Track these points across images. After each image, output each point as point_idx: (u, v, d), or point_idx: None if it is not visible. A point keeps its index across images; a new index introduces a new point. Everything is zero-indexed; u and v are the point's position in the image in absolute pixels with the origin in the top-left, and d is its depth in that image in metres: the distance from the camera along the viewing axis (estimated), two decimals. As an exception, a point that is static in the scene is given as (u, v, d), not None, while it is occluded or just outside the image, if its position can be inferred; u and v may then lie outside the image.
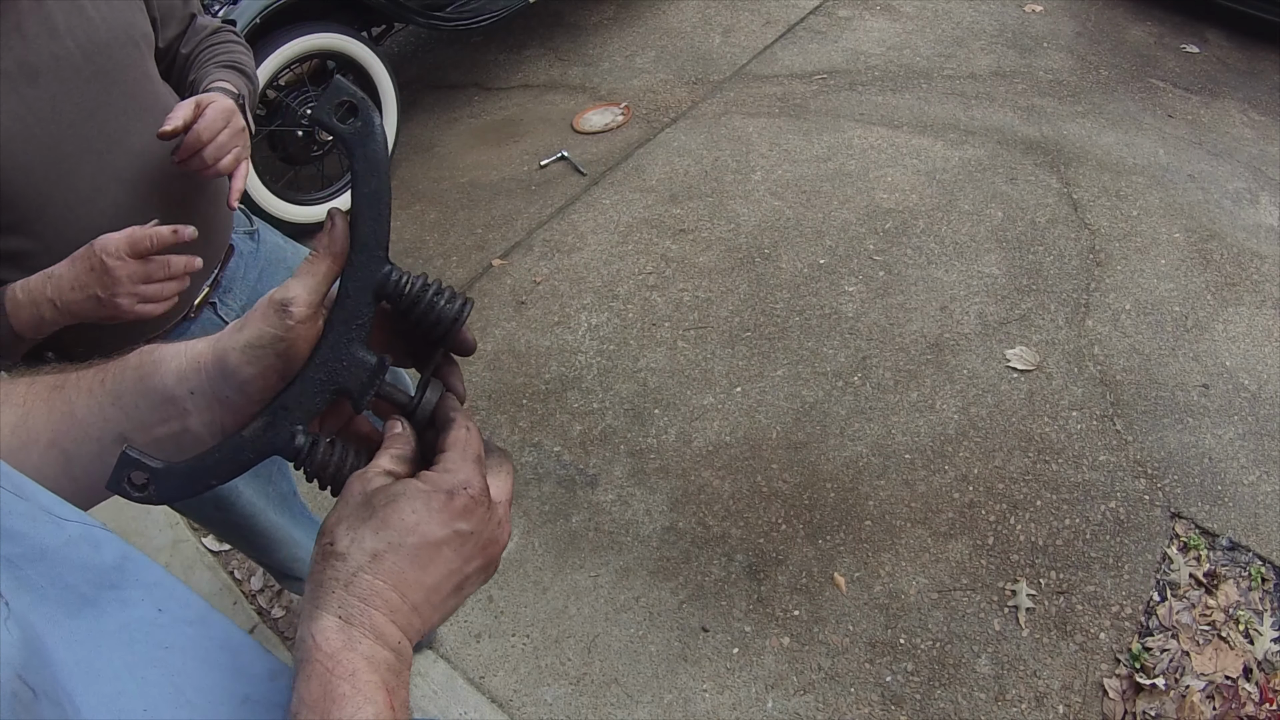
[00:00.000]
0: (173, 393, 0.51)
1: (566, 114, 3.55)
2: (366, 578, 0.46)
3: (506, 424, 2.36)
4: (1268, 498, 2.10)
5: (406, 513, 0.47)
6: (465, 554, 0.49)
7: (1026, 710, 1.77)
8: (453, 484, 0.48)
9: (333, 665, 0.44)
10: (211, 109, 1.06)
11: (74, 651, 0.41)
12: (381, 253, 0.49)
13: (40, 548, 0.43)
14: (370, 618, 0.46)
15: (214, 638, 0.50)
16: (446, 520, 0.48)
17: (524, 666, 1.87)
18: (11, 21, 1.02)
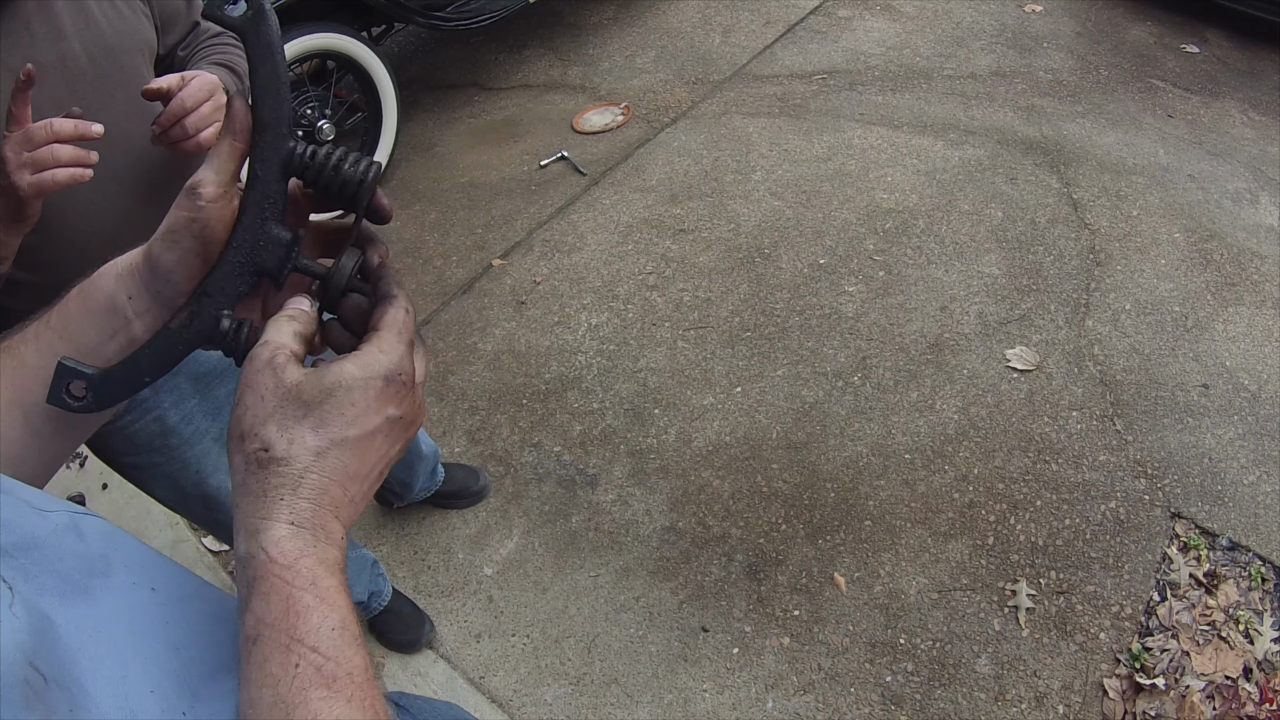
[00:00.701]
0: (114, 300, 0.51)
1: (566, 114, 3.55)
2: (313, 478, 0.44)
3: (506, 424, 2.36)
4: (1268, 498, 2.10)
5: (346, 406, 0.45)
6: (393, 438, 0.48)
7: (1026, 710, 1.77)
8: (388, 370, 0.47)
9: (291, 576, 0.42)
10: (196, 80, 1.06)
11: (77, 637, 0.41)
12: (285, 130, 0.48)
13: (31, 537, 0.43)
14: (321, 518, 0.44)
15: (209, 610, 0.50)
16: (381, 408, 0.46)
17: (524, 666, 1.87)
18: (20, 20, 1.02)
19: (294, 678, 0.41)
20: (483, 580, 2.03)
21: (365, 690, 0.42)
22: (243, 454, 0.45)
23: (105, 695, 0.40)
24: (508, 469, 2.25)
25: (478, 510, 2.16)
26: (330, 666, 0.42)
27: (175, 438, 1.30)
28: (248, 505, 0.44)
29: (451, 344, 2.60)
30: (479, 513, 2.16)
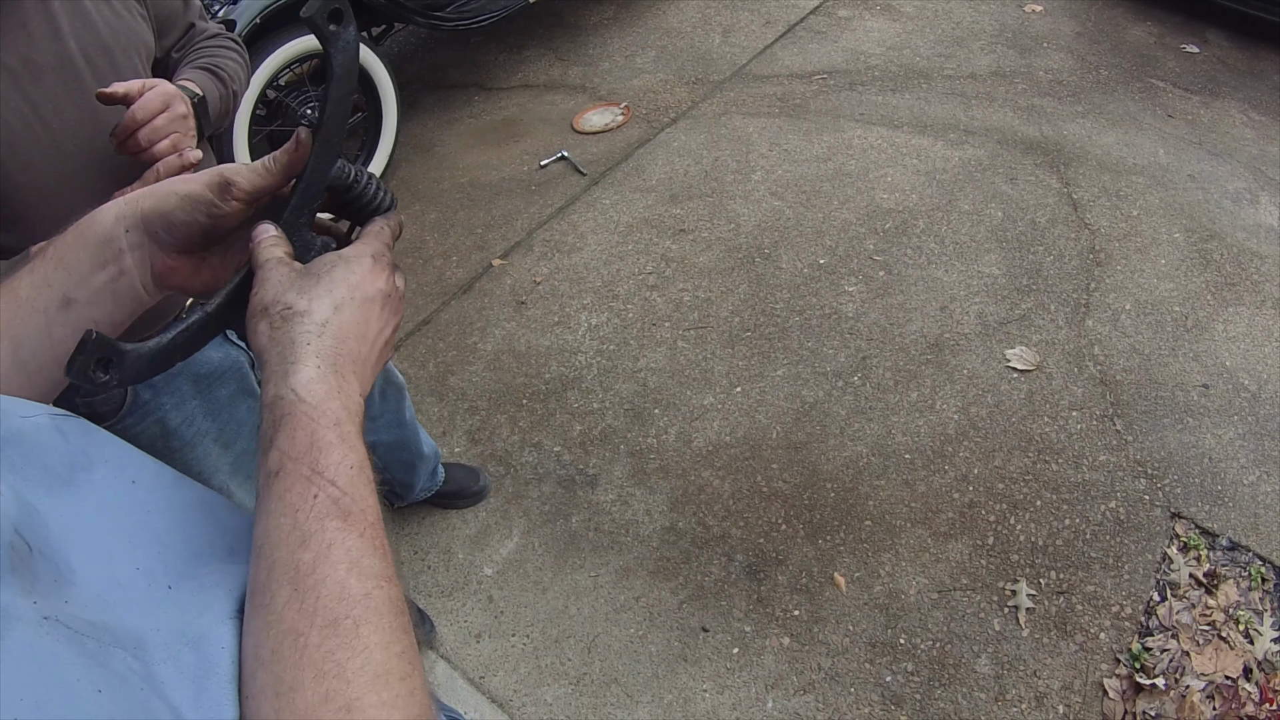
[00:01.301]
0: (110, 233, 0.54)
1: (566, 114, 3.55)
2: (334, 327, 0.49)
3: (506, 424, 2.36)
4: (1268, 498, 2.10)
5: (348, 274, 0.52)
6: (388, 313, 0.54)
7: (1026, 710, 1.77)
8: (373, 251, 0.54)
9: (317, 415, 0.46)
10: (151, 92, 1.05)
11: (62, 524, 0.42)
12: (338, 149, 0.56)
13: (15, 431, 0.44)
14: (343, 365, 0.49)
15: (190, 500, 0.52)
16: (374, 280, 0.53)
17: (524, 666, 1.87)
18: (17, 20, 1.02)
19: (312, 507, 0.43)
20: (483, 580, 2.03)
21: (376, 529, 0.45)
22: (267, 319, 0.49)
23: (91, 572, 0.41)
24: (508, 469, 2.25)
25: (478, 510, 2.16)
26: (346, 501, 0.44)
27: (177, 440, 1.30)
28: (275, 356, 0.48)
29: (451, 344, 2.60)
30: (479, 513, 2.16)
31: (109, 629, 0.39)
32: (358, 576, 0.42)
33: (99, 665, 0.36)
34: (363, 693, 0.39)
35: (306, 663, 0.39)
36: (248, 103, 2.69)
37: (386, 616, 0.42)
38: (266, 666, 0.40)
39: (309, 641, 0.40)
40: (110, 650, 0.38)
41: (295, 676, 0.39)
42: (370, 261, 0.54)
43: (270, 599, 0.41)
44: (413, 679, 0.41)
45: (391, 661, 0.41)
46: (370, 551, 0.44)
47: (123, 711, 0.35)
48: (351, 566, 0.42)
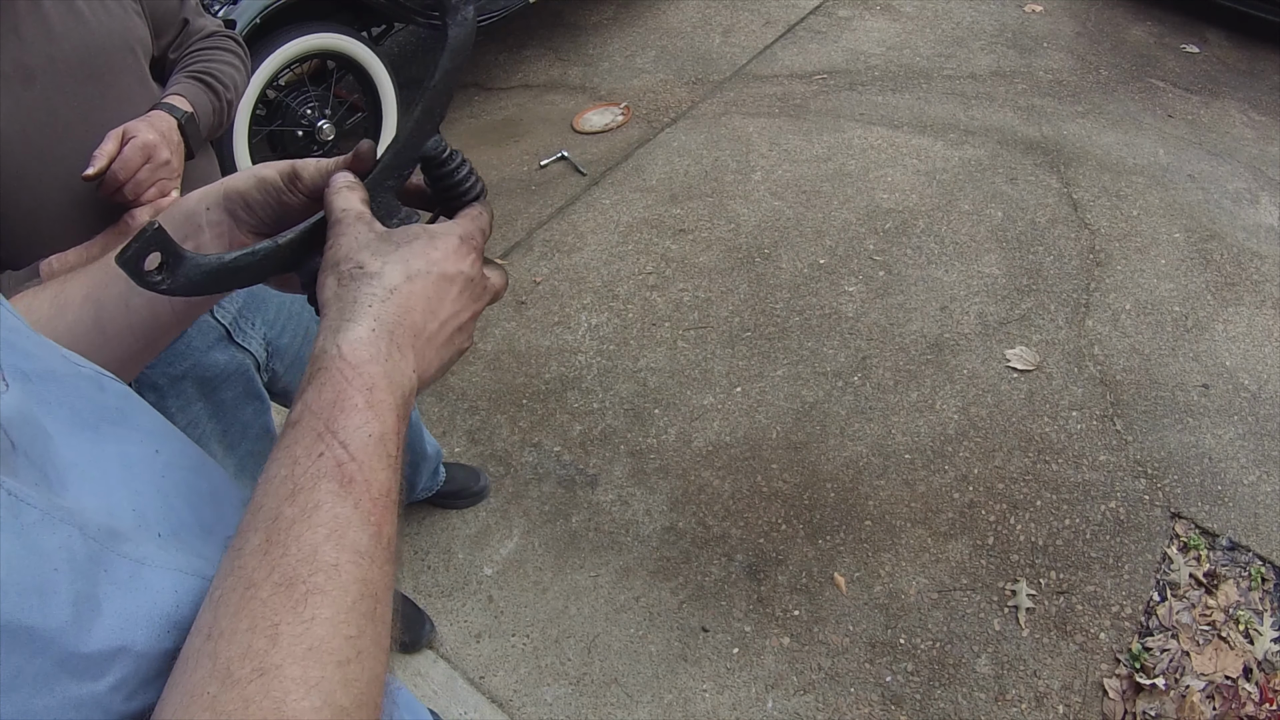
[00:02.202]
0: (193, 209, 0.56)
1: (566, 114, 3.55)
2: (402, 295, 0.48)
3: (506, 424, 2.36)
4: (1268, 498, 2.10)
5: (429, 248, 0.50)
6: (466, 298, 0.52)
7: (1026, 710, 1.77)
8: (463, 232, 0.53)
9: (352, 375, 0.44)
10: (129, 147, 1.06)
11: (75, 457, 0.42)
12: (436, 123, 0.56)
13: (52, 370, 0.44)
14: (400, 334, 0.47)
15: (207, 486, 0.51)
16: (456, 261, 0.51)
17: (524, 666, 1.87)
18: (8, 24, 1.02)
19: (313, 463, 0.41)
20: (483, 580, 2.03)
21: (378, 507, 0.42)
22: (335, 274, 0.48)
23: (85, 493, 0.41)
24: (508, 469, 2.25)
25: (478, 510, 2.16)
26: (352, 468, 0.42)
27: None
28: (334, 311, 0.47)
29: (451, 344, 2.60)
30: (479, 513, 2.16)
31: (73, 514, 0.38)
32: (334, 545, 0.40)
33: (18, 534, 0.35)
34: (285, 661, 0.37)
35: (245, 614, 0.38)
36: (248, 103, 2.69)
37: (350, 594, 0.39)
38: (212, 606, 0.39)
39: (257, 595, 0.38)
40: (55, 524, 0.37)
41: (230, 624, 0.37)
42: (457, 241, 0.52)
43: (242, 542, 0.40)
44: (356, 666, 0.38)
45: (334, 642, 0.38)
46: (360, 525, 0.41)
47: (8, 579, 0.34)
48: (332, 534, 0.40)
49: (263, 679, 0.36)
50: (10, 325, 0.44)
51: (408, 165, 0.56)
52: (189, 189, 1.18)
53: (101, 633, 0.38)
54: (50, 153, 1.06)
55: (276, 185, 0.55)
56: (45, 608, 0.35)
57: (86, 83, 1.09)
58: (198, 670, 0.37)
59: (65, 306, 0.55)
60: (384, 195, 0.55)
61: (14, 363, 0.42)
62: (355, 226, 0.50)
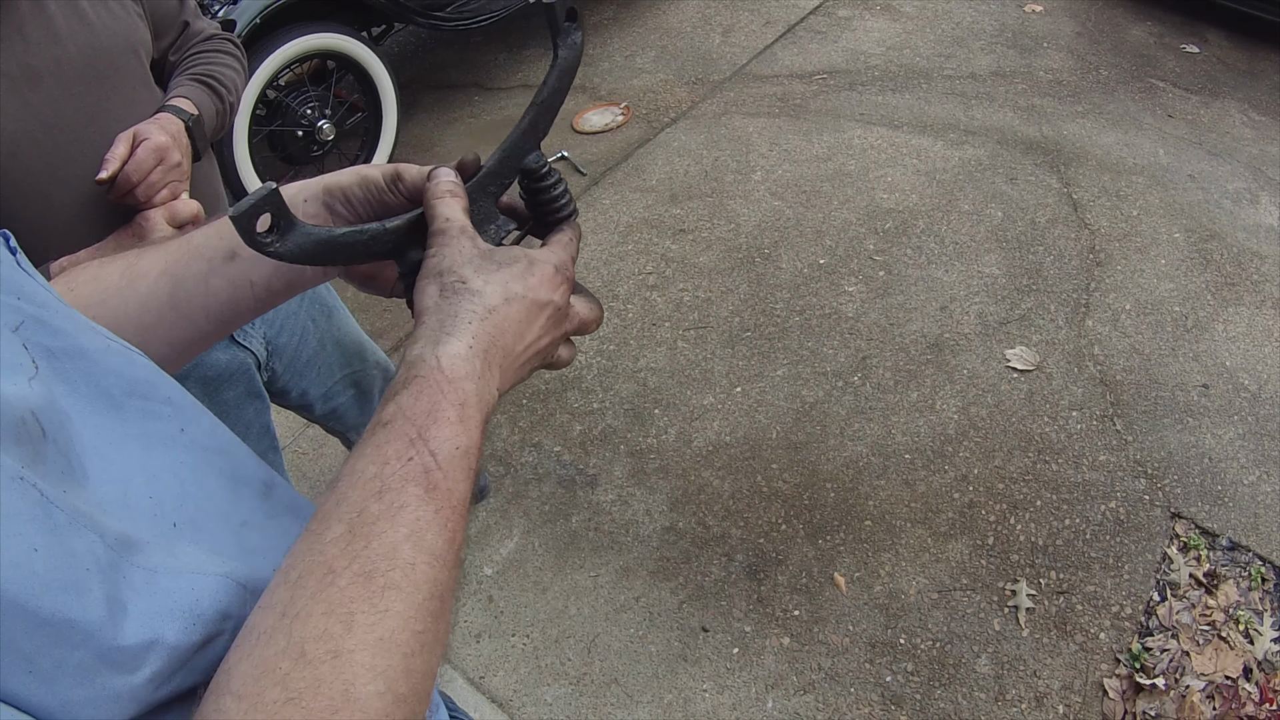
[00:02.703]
0: (291, 200, 0.55)
1: (566, 114, 3.55)
2: (498, 316, 0.50)
3: (506, 424, 2.36)
4: (1268, 498, 2.10)
5: (528, 273, 0.52)
6: (549, 324, 0.54)
7: (1026, 710, 1.77)
8: (558, 261, 0.56)
9: (448, 388, 0.46)
10: (142, 149, 1.07)
11: (95, 438, 0.43)
12: (539, 138, 0.58)
13: (80, 347, 0.45)
14: (493, 354, 0.49)
15: (228, 468, 0.52)
16: (550, 290, 0.53)
17: (524, 666, 1.87)
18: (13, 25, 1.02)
19: (403, 466, 0.43)
20: (483, 580, 2.03)
21: (455, 515, 0.45)
22: (438, 283, 0.50)
23: (103, 481, 0.42)
24: (508, 469, 2.25)
25: (478, 510, 2.16)
26: (438, 476, 0.44)
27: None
28: (434, 321, 0.49)
29: (451, 344, 2.60)
30: (479, 513, 2.16)
31: (94, 521, 0.39)
32: (413, 545, 0.42)
33: (52, 534, 0.36)
34: (357, 647, 0.39)
35: (323, 598, 0.40)
36: (248, 103, 2.69)
37: (422, 593, 0.42)
38: (288, 586, 0.41)
39: (336, 581, 0.40)
40: (80, 530, 0.38)
41: (307, 606, 0.39)
42: (553, 270, 0.54)
43: (324, 529, 0.42)
44: (418, 659, 0.41)
45: (403, 635, 0.40)
46: (438, 530, 0.43)
47: (49, 574, 0.35)
48: (412, 534, 0.42)
49: (335, 661, 0.38)
50: (39, 300, 0.45)
51: (509, 175, 0.57)
52: (192, 191, 1.18)
53: (133, 628, 0.39)
54: (57, 154, 1.06)
55: (379, 184, 0.57)
56: (83, 603, 0.37)
57: (92, 85, 1.09)
58: (270, 645, 0.39)
59: (139, 278, 0.57)
60: (484, 200, 0.57)
61: (41, 340, 0.43)
62: (460, 240, 0.52)
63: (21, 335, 0.41)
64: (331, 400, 1.57)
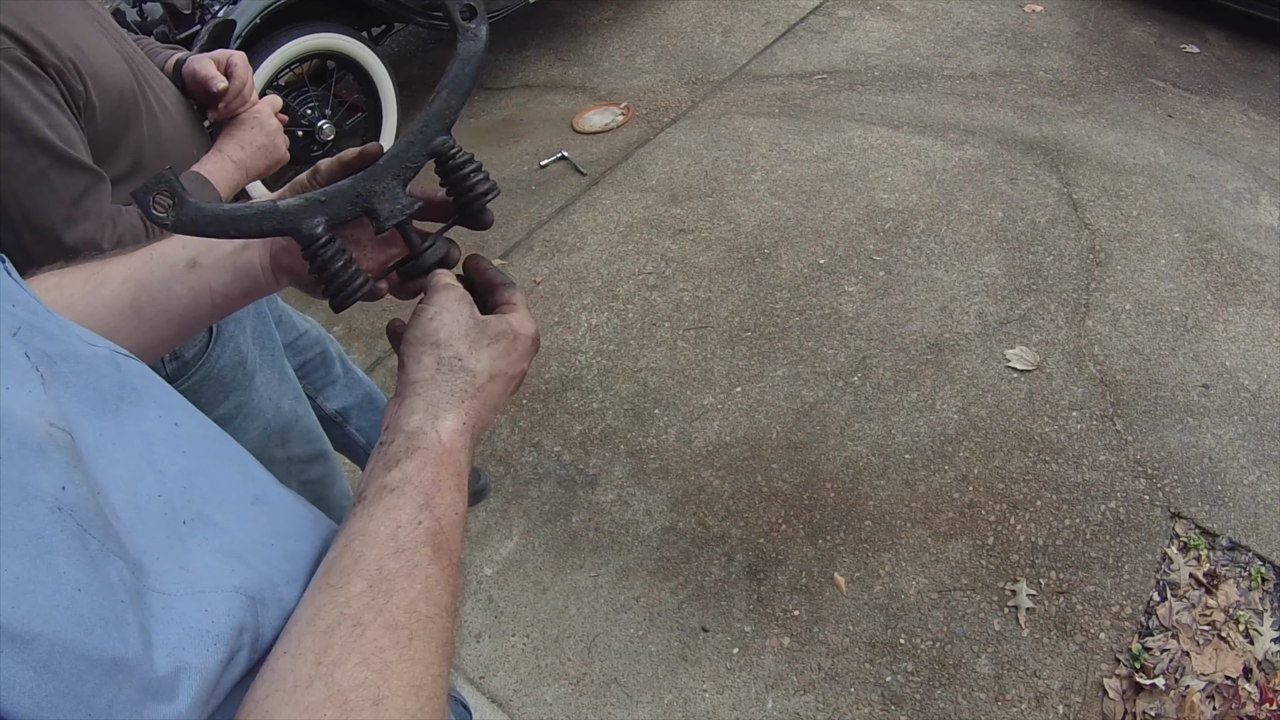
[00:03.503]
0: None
1: (566, 114, 3.55)
2: (485, 395, 0.55)
3: (506, 424, 2.36)
4: (1268, 498, 2.10)
5: (512, 349, 0.57)
6: (513, 387, 0.59)
7: (1026, 710, 1.77)
8: (534, 333, 0.60)
9: (449, 460, 0.51)
10: (235, 60, 1.22)
11: (100, 441, 0.44)
12: (446, 124, 0.59)
13: (74, 351, 0.47)
14: (478, 427, 0.55)
15: (227, 452, 0.56)
16: (524, 360, 0.58)
17: (524, 666, 1.87)
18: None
19: (414, 529, 0.48)
20: (483, 580, 2.03)
21: (453, 571, 0.50)
22: (436, 356, 0.54)
23: (113, 488, 0.43)
24: (508, 469, 2.25)
25: (478, 510, 2.16)
26: (443, 539, 0.49)
27: (251, 365, 1.35)
28: (434, 393, 0.53)
29: (451, 344, 2.60)
30: (479, 513, 2.16)
31: (119, 543, 0.41)
32: (427, 601, 0.47)
33: (91, 566, 0.37)
34: (395, 694, 0.42)
35: (357, 648, 0.43)
36: (248, 103, 2.69)
37: (437, 641, 0.46)
38: (318, 635, 0.43)
39: (366, 633, 0.43)
40: (110, 557, 0.39)
41: (342, 655, 0.42)
42: (528, 342, 0.59)
43: (345, 584, 0.46)
44: (438, 702, 0.45)
45: (427, 680, 0.44)
46: (445, 586, 0.48)
47: (94, 614, 0.37)
48: (426, 591, 0.47)
49: (376, 707, 0.42)
50: (32, 307, 0.46)
51: (416, 159, 0.59)
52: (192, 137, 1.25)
53: (161, 657, 0.40)
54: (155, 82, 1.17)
55: (302, 183, 0.61)
56: (124, 637, 0.38)
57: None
58: (311, 693, 0.41)
59: (103, 284, 0.59)
60: (389, 182, 0.58)
61: (39, 346, 0.43)
62: (458, 307, 0.57)
63: (21, 341, 0.42)
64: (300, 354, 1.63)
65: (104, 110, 1.05)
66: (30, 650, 0.34)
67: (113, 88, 1.05)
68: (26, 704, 0.34)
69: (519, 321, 0.59)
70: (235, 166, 1.19)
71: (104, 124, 1.06)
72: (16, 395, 0.39)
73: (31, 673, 0.34)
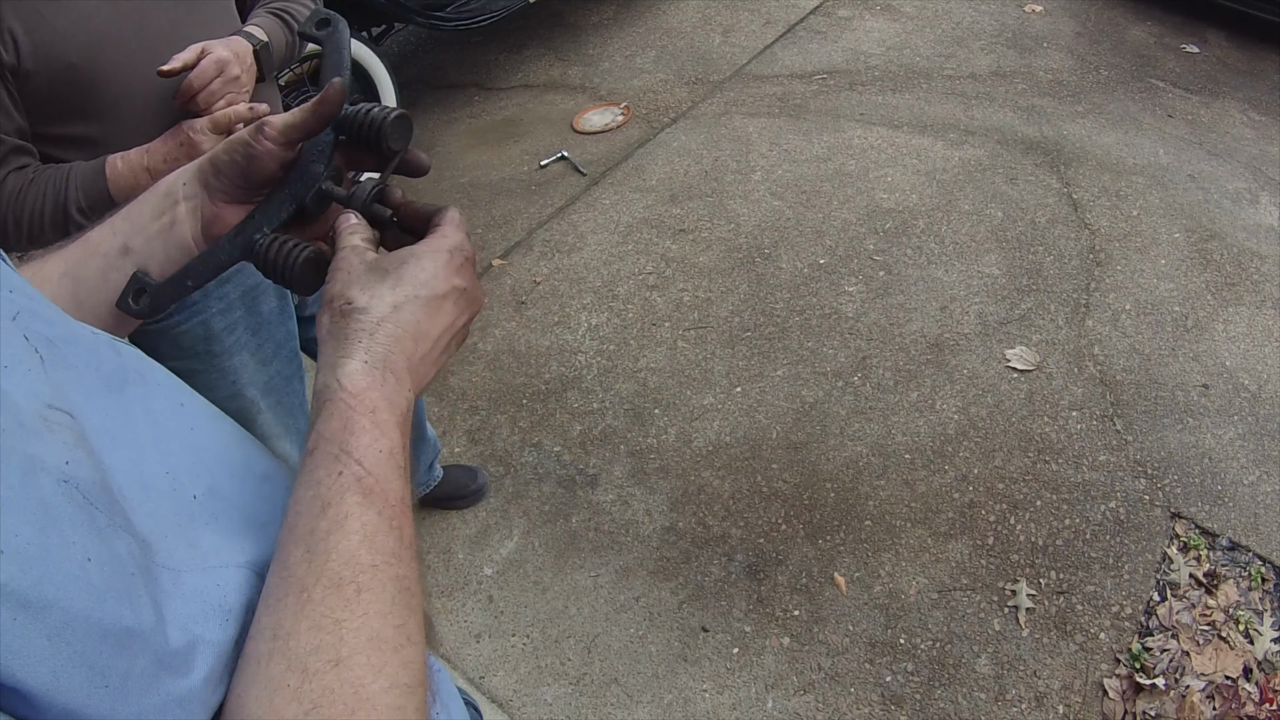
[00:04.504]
0: (172, 186, 0.59)
1: (566, 114, 3.55)
2: (390, 326, 0.51)
3: (506, 424, 2.36)
4: (1268, 498, 2.10)
5: (418, 270, 0.52)
6: (459, 307, 0.55)
7: (1026, 710, 1.77)
8: (451, 245, 0.55)
9: (355, 402, 0.48)
10: (207, 59, 1.15)
11: (105, 422, 0.44)
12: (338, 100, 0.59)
13: (75, 334, 0.47)
14: (393, 362, 0.50)
15: (232, 430, 0.55)
16: (448, 276, 0.53)
17: (524, 666, 1.87)
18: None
19: (335, 480, 0.45)
20: (483, 580, 2.03)
21: (398, 512, 0.47)
22: (330, 310, 0.52)
23: (120, 467, 0.43)
24: (508, 469, 2.25)
25: (477, 510, 2.16)
26: (370, 480, 0.46)
27: (218, 345, 1.34)
28: (330, 348, 0.50)
29: (451, 344, 2.60)
30: (479, 513, 2.16)
31: (126, 519, 0.41)
32: (369, 549, 0.44)
33: (99, 539, 0.37)
34: (353, 652, 0.41)
35: (305, 614, 0.42)
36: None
37: (389, 589, 0.44)
38: (271, 611, 0.43)
39: (311, 596, 0.42)
40: (118, 531, 0.39)
41: (293, 624, 0.42)
42: (446, 256, 0.54)
43: (286, 556, 0.44)
44: (407, 651, 0.43)
45: (388, 631, 0.43)
46: (386, 530, 0.45)
47: (105, 584, 0.36)
48: (365, 539, 0.44)
49: (337, 668, 0.41)
50: (29, 293, 0.46)
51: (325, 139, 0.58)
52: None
53: (175, 630, 0.41)
54: (139, 55, 1.15)
55: (242, 140, 0.57)
56: (136, 609, 0.38)
57: (181, 3, 1.19)
58: (272, 666, 0.41)
59: (43, 282, 0.58)
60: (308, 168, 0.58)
61: (40, 330, 0.44)
62: (348, 260, 0.53)
63: (20, 325, 0.42)
64: None
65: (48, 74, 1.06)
66: (43, 618, 0.33)
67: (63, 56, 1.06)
68: (43, 674, 0.33)
69: (431, 242, 0.55)
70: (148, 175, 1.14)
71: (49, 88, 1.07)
72: (13, 377, 0.39)
73: (46, 641, 0.33)
